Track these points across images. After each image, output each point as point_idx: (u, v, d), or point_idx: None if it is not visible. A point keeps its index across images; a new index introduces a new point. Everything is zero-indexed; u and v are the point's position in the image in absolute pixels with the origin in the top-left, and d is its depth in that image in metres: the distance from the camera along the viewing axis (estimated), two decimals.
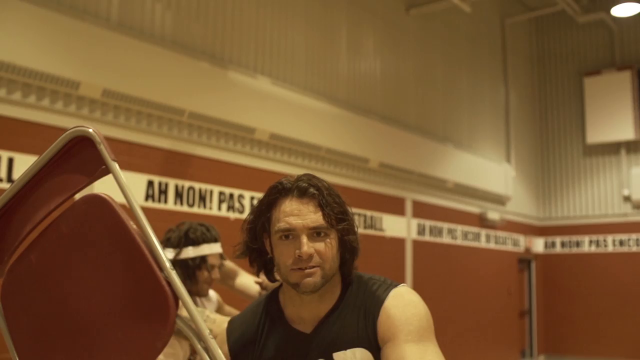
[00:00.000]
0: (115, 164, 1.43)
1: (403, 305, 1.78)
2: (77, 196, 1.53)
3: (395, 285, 1.85)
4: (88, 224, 1.45)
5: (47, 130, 5.99)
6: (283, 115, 8.39)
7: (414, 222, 11.20)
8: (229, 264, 3.71)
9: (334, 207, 1.81)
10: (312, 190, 1.80)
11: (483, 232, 13.17)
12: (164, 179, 7.00)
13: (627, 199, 14.44)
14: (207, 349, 1.36)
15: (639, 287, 14.00)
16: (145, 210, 6.65)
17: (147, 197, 6.80)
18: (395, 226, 10.68)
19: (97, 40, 6.46)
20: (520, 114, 14.84)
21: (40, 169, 1.49)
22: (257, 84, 8.14)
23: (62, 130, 4.78)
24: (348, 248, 1.85)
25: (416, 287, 10.71)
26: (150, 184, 6.88)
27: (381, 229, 10.33)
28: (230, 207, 7.69)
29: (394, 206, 10.70)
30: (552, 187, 15.39)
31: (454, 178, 11.96)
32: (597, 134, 14.61)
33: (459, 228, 12.43)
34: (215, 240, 3.30)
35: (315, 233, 1.77)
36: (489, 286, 13.27)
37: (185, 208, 7.17)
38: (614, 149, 14.63)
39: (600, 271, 14.48)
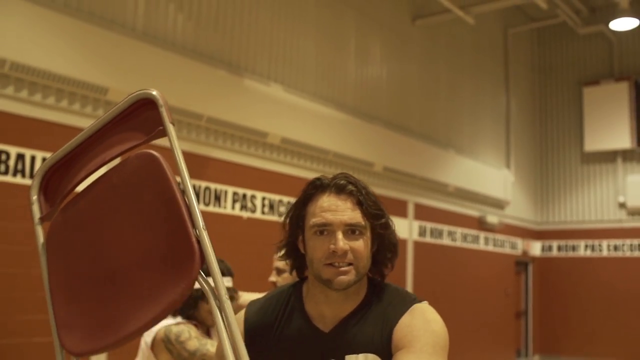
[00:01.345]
0: (171, 126, 1.48)
1: (424, 320, 1.76)
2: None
3: (420, 301, 1.85)
4: (137, 178, 1.50)
5: (75, 132, 6.47)
6: (294, 121, 8.88)
7: (416, 224, 11.68)
8: (245, 299, 3.81)
9: (371, 205, 1.81)
10: (350, 187, 1.80)
11: (482, 235, 13.64)
12: None
13: (622, 205, 14.90)
14: (221, 309, 1.37)
15: (631, 291, 14.46)
16: None
17: None
18: (397, 228, 11.04)
19: (124, 49, 6.97)
20: (521, 121, 15.31)
21: (104, 124, 1.57)
22: (270, 90, 8.63)
23: None
24: (387, 245, 1.87)
25: (416, 286, 11.23)
26: None
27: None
28: (243, 207, 8.18)
29: (397, 208, 11.18)
30: (550, 193, 15.86)
31: (454, 182, 12.43)
32: (594, 142, 15.08)
33: (459, 230, 12.90)
34: (224, 274, 3.48)
35: (351, 230, 1.77)
36: (487, 287, 13.73)
37: (201, 207, 7.67)
38: (610, 157, 15.10)
39: (595, 275, 14.94)
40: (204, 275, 1.39)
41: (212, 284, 1.38)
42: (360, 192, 1.81)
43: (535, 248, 15.67)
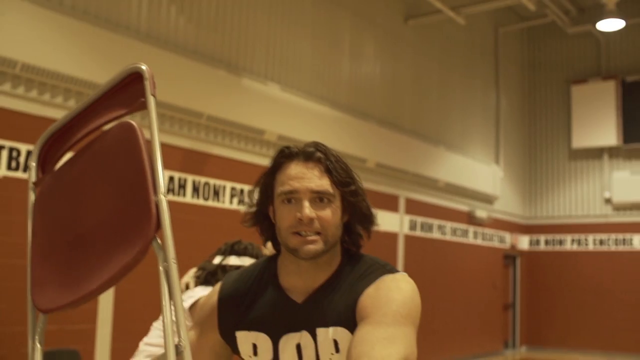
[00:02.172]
0: (152, 98, 1.50)
1: (387, 288, 1.69)
2: None
3: (392, 272, 1.77)
4: (115, 146, 1.55)
5: None
6: (290, 119, 9.21)
7: (407, 218, 12.04)
8: None
9: (341, 172, 1.76)
10: (318, 154, 1.76)
11: (471, 229, 14.00)
12: (183, 175, 7.83)
13: (608, 201, 15.30)
14: (167, 271, 1.39)
15: (616, 284, 14.86)
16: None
17: (168, 191, 7.63)
18: (389, 221, 11.52)
19: (128, 50, 7.28)
20: (510, 118, 15.68)
21: (98, 97, 1.63)
22: (267, 90, 8.96)
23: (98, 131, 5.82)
24: (358, 214, 1.82)
25: None
26: (171, 179, 7.71)
27: (376, 224, 11.15)
28: (241, 202, 8.52)
29: (389, 203, 11.53)
30: (538, 188, 16.25)
31: (445, 178, 12.78)
32: (582, 139, 15.45)
33: (449, 225, 13.26)
34: (256, 257, 3.71)
35: (319, 198, 1.73)
36: (476, 280, 14.10)
37: (201, 201, 8.00)
38: (597, 153, 15.48)
39: (581, 268, 15.33)
40: (158, 241, 1.40)
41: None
42: (329, 159, 1.76)
43: (523, 242, 16.05)
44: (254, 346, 1.81)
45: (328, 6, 10.37)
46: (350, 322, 1.69)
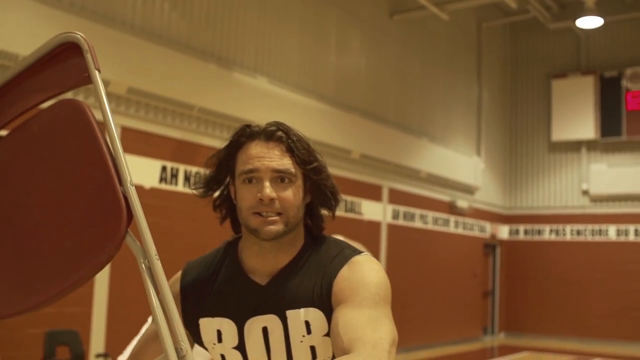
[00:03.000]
0: (97, 72, 1.37)
1: (362, 270, 1.69)
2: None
3: (359, 253, 1.77)
4: (60, 128, 1.41)
5: None
6: (277, 111, 9.55)
7: (390, 208, 12.43)
8: None
9: (302, 151, 1.73)
10: (280, 134, 1.72)
11: (452, 219, 14.43)
12: (175, 165, 8.18)
13: (585, 193, 15.79)
14: (151, 269, 1.29)
15: (592, 273, 15.36)
16: (158, 191, 7.91)
17: (160, 180, 7.97)
18: (372, 211, 11.91)
19: (124, 45, 7.60)
20: (492, 111, 16.09)
21: (26, 68, 1.47)
22: (256, 83, 9.30)
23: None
24: (321, 193, 1.78)
25: (389, 266, 12.01)
26: (163, 168, 8.05)
27: (360, 213, 11.57)
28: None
29: (372, 193, 11.93)
30: (518, 179, 16.71)
31: (427, 169, 13.18)
32: (561, 133, 15.91)
33: (430, 214, 13.68)
34: None
35: (280, 178, 1.70)
36: (456, 268, 14.54)
37: (192, 191, 8.34)
38: (575, 146, 15.95)
39: (559, 258, 15.81)
40: (132, 235, 1.30)
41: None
42: (291, 138, 1.72)
43: (503, 232, 16.51)
44: (219, 333, 1.77)
45: (315, 2, 10.71)
46: (324, 304, 1.68)
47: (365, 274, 1.68)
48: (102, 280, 7.35)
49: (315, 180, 1.75)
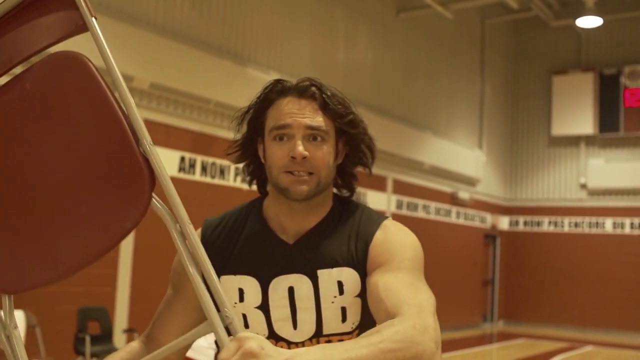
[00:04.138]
0: (94, 20, 1.27)
1: (399, 233, 1.66)
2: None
3: (386, 217, 1.74)
4: (57, 84, 1.28)
5: None
6: None
7: (394, 198, 12.96)
8: None
9: (338, 106, 1.66)
10: (313, 89, 1.65)
11: (454, 209, 14.94)
12: (193, 155, 8.71)
13: (583, 186, 16.31)
14: (184, 234, 1.21)
15: (589, 264, 15.86)
16: (177, 180, 8.42)
17: (179, 169, 8.50)
18: (377, 201, 12.43)
19: (147, 42, 8.12)
20: (494, 106, 16.59)
21: (8, 10, 1.32)
22: (269, 78, 9.69)
23: None
24: (358, 148, 1.72)
25: None
26: (182, 159, 8.58)
27: (365, 203, 12.07)
28: (244, 180, 9.39)
29: (377, 184, 12.45)
30: (518, 172, 17.23)
31: (430, 161, 13.69)
32: (561, 127, 16.40)
33: (433, 205, 14.19)
34: None
35: (312, 137, 1.62)
36: (457, 257, 15.07)
37: (208, 179, 8.88)
38: (574, 141, 16.45)
39: (557, 248, 16.32)
40: (157, 199, 1.22)
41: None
42: (325, 93, 1.65)
43: (503, 222, 17.02)
44: (240, 291, 1.68)
45: (324, 0, 11.21)
46: (359, 265, 1.63)
47: (401, 237, 1.65)
48: (125, 261, 7.89)
49: (353, 134, 1.69)
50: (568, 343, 13.66)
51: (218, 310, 1.20)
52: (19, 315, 6.05)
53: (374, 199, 12.30)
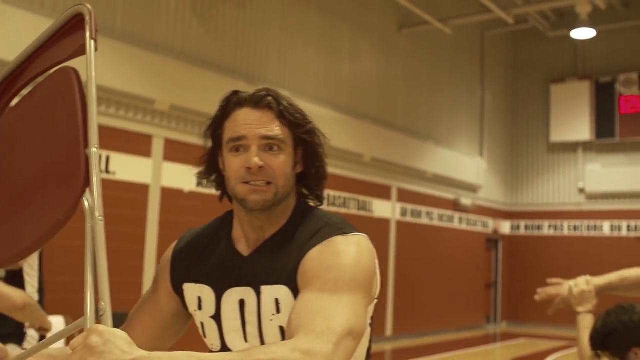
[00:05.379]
0: (92, 42, 1.36)
1: (332, 252, 1.55)
2: None
3: (346, 233, 1.61)
4: (53, 93, 1.43)
5: (132, 135, 8.31)
6: None
7: (398, 206, 13.57)
8: None
9: (296, 115, 1.65)
10: (269, 99, 1.63)
11: (457, 215, 15.52)
12: None
13: (581, 191, 16.89)
14: (93, 229, 1.27)
15: (588, 266, 16.15)
16: (196, 194, 9.05)
17: (197, 184, 9.13)
18: (382, 209, 13.05)
19: (166, 67, 8.75)
20: (494, 114, 17.18)
21: (43, 42, 1.51)
22: None
23: (143, 135, 7.84)
24: (316, 156, 1.70)
25: (398, 260, 13.14)
26: None
27: (371, 211, 12.71)
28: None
29: (382, 192, 13.06)
30: (518, 178, 17.82)
31: (433, 170, 14.28)
32: (559, 134, 16.99)
33: (436, 211, 14.78)
34: None
35: (269, 147, 1.60)
36: (461, 261, 15.62)
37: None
38: (572, 147, 17.04)
39: (557, 251, 16.82)
40: (89, 197, 1.30)
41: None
42: (281, 103, 1.64)
43: (505, 227, 17.57)
44: (199, 300, 1.70)
45: (330, 19, 11.84)
46: (293, 283, 1.57)
47: (334, 255, 1.54)
48: (149, 271, 8.49)
49: (310, 143, 1.68)
50: (567, 342, 14.15)
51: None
52: (59, 321, 6.60)
53: (380, 207, 12.91)
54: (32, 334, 3.41)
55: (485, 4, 12.78)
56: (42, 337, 3.37)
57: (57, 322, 4.43)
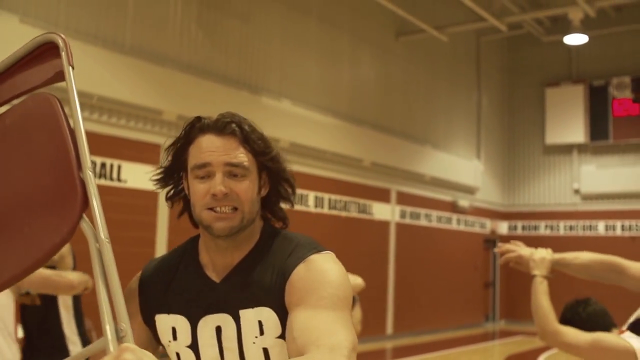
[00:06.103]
0: (71, 69, 1.37)
1: (319, 270, 1.58)
2: None
3: (319, 251, 1.63)
4: (30, 120, 1.43)
5: (141, 145, 8.73)
6: (299, 128, 11.10)
7: (397, 209, 13.97)
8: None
9: (258, 142, 1.65)
10: (232, 126, 1.63)
11: (454, 217, 15.90)
12: None
13: (576, 191, 17.31)
14: (100, 251, 1.25)
15: None
16: None
17: None
18: (382, 211, 13.44)
19: (173, 79, 9.17)
20: (490, 117, 17.57)
21: (8, 67, 1.50)
22: (281, 105, 10.86)
23: (152, 144, 8.34)
24: (280, 182, 1.72)
25: (398, 261, 13.53)
26: None
27: (371, 214, 13.12)
28: None
29: (382, 195, 13.47)
30: (515, 180, 18.21)
31: (431, 173, 14.67)
32: (554, 137, 17.40)
33: (435, 213, 15.17)
34: None
35: (233, 173, 1.60)
36: (459, 261, 15.98)
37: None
38: (567, 149, 17.45)
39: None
40: (87, 220, 1.30)
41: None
42: (245, 129, 1.64)
43: (502, 227, 17.94)
44: (173, 330, 1.69)
45: (329, 29, 12.26)
46: (277, 303, 1.59)
47: (323, 272, 1.57)
48: None
49: (274, 169, 1.69)
50: None
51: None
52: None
53: (379, 210, 13.31)
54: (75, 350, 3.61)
55: (479, 13, 13.17)
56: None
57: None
